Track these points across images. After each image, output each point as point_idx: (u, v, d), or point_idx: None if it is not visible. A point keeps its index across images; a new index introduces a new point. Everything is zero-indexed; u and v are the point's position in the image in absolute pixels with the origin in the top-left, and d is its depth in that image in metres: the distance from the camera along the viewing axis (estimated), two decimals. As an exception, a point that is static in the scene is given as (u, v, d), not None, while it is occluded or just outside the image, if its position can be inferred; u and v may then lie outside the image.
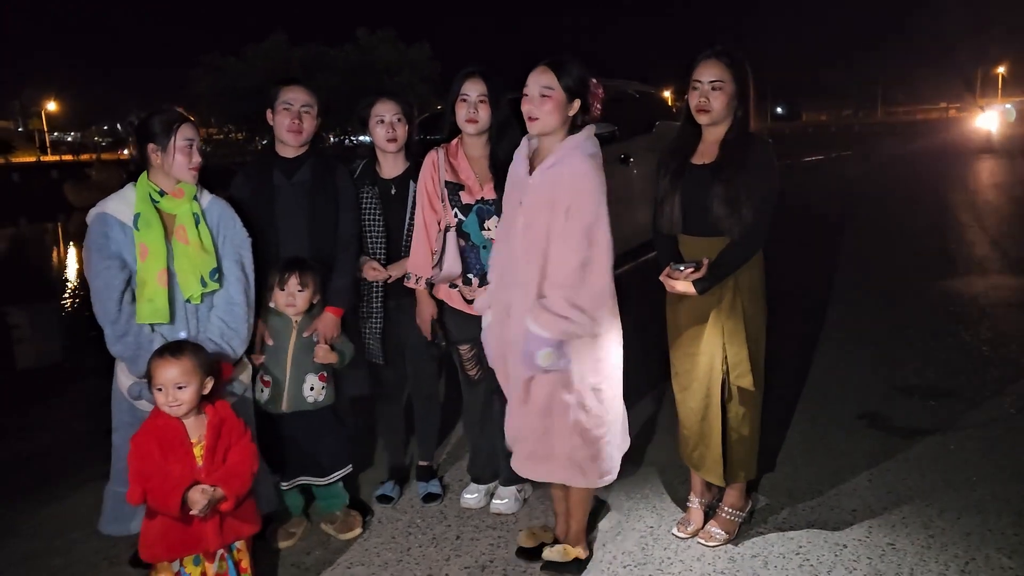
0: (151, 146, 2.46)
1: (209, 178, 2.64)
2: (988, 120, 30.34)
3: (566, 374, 2.38)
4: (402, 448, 3.27)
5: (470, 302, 2.83)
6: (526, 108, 2.35)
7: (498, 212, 2.70)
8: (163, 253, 2.41)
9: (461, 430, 3.41)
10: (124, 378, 2.47)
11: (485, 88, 2.74)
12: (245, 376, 2.65)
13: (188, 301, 2.46)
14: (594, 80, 2.41)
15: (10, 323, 7.75)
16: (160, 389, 2.17)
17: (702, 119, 2.56)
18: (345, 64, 27.58)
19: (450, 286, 2.89)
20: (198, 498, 2.12)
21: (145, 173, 2.49)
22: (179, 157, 2.44)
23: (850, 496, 2.99)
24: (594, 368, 2.42)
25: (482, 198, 2.79)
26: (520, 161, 2.47)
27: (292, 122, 2.75)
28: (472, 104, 2.74)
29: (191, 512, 2.13)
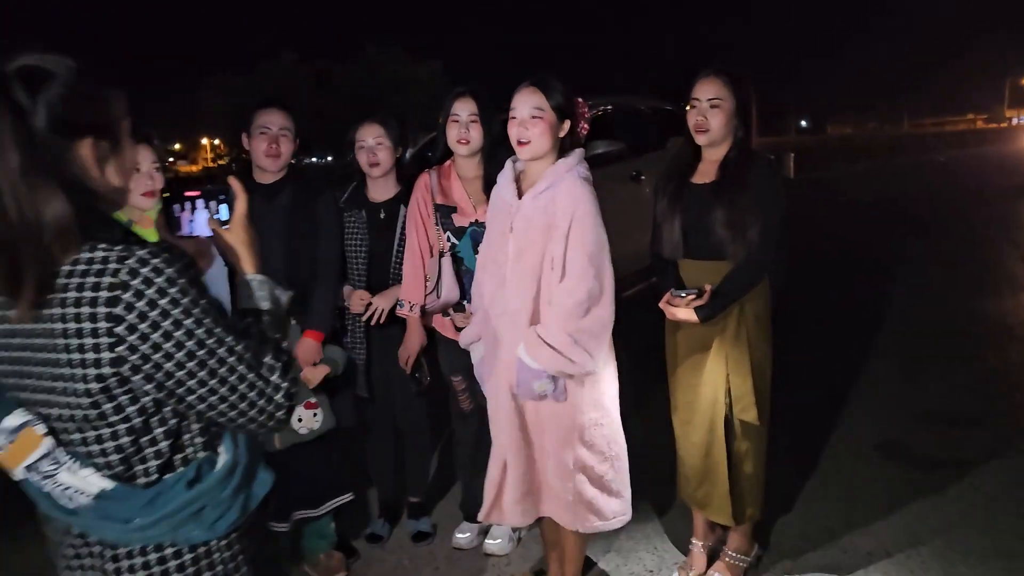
0: None
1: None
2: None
3: (564, 407, 2.24)
4: (392, 483, 3.14)
5: (461, 330, 2.71)
6: (515, 132, 2.21)
7: None
8: None
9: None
10: None
11: (476, 107, 2.65)
12: None
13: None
14: (579, 99, 2.30)
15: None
16: None
17: (700, 139, 2.44)
18: (352, 82, 27.73)
19: (443, 314, 2.78)
20: None
21: None
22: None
23: (865, 536, 2.82)
24: (594, 402, 2.28)
25: (476, 220, 2.69)
26: (506, 185, 2.33)
27: (269, 147, 2.64)
28: (463, 124, 2.65)
29: None
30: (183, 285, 1.05)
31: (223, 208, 1.24)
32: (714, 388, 2.47)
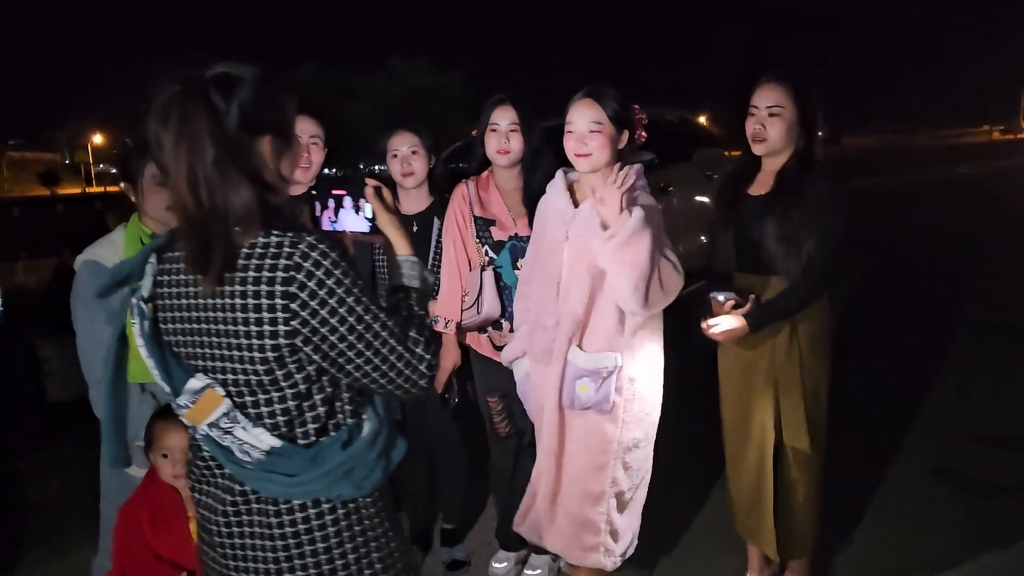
0: (125, 184, 2.24)
1: None
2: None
3: (607, 423, 2.14)
4: (425, 509, 2.99)
5: (500, 348, 2.58)
6: (573, 145, 2.14)
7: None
8: None
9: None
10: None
11: (516, 116, 2.52)
12: None
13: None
14: (636, 106, 2.22)
15: (42, 356, 7.71)
16: (166, 456, 1.95)
17: (758, 148, 2.31)
18: (375, 92, 27.77)
19: (479, 331, 2.64)
20: None
21: (136, 214, 2.27)
22: (150, 196, 2.19)
23: (927, 571, 2.65)
24: (638, 420, 2.18)
25: (515, 234, 2.56)
26: (558, 194, 2.25)
27: (301, 156, 2.52)
28: (503, 134, 2.52)
29: None
30: (345, 267, 1.19)
31: (367, 205, 1.40)
32: (763, 412, 2.33)
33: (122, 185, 2.31)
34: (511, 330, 2.56)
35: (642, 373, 2.17)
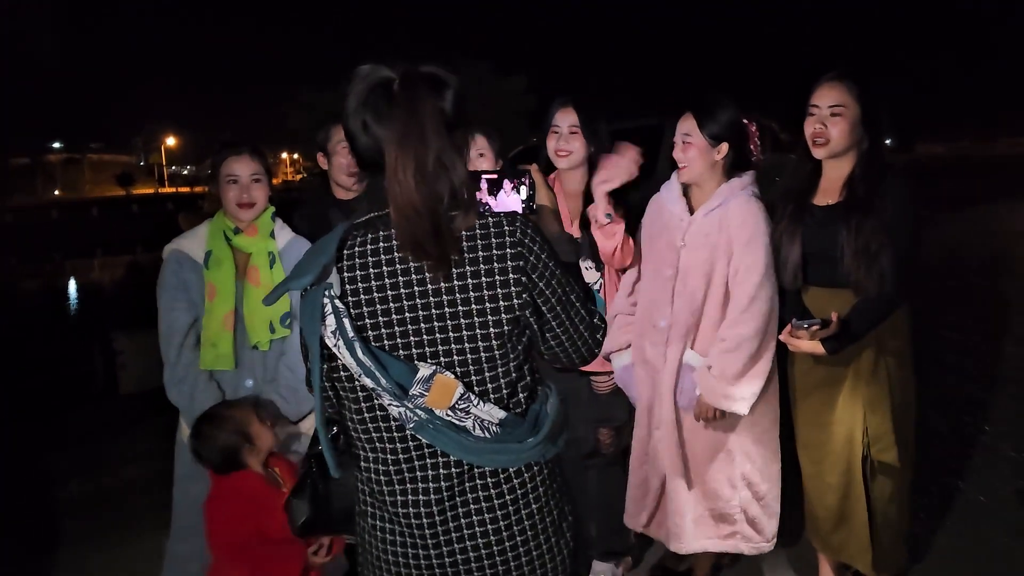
0: (214, 182, 2.34)
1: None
2: None
3: (731, 420, 2.26)
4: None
5: None
6: (675, 155, 2.34)
7: (587, 252, 2.46)
8: (231, 294, 2.25)
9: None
10: (186, 429, 2.30)
11: (577, 119, 2.48)
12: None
13: (255, 347, 2.28)
14: (746, 120, 2.29)
15: (117, 348, 8.03)
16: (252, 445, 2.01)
17: (819, 152, 2.21)
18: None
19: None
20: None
21: (222, 209, 2.35)
22: (226, 193, 2.28)
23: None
24: (759, 416, 2.30)
25: (569, 236, 2.51)
26: (674, 200, 2.38)
27: (351, 163, 2.51)
28: (563, 136, 2.49)
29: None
30: (546, 241, 1.29)
31: (523, 189, 1.47)
32: (849, 427, 2.24)
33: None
34: None
35: None
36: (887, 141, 2.36)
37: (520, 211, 1.45)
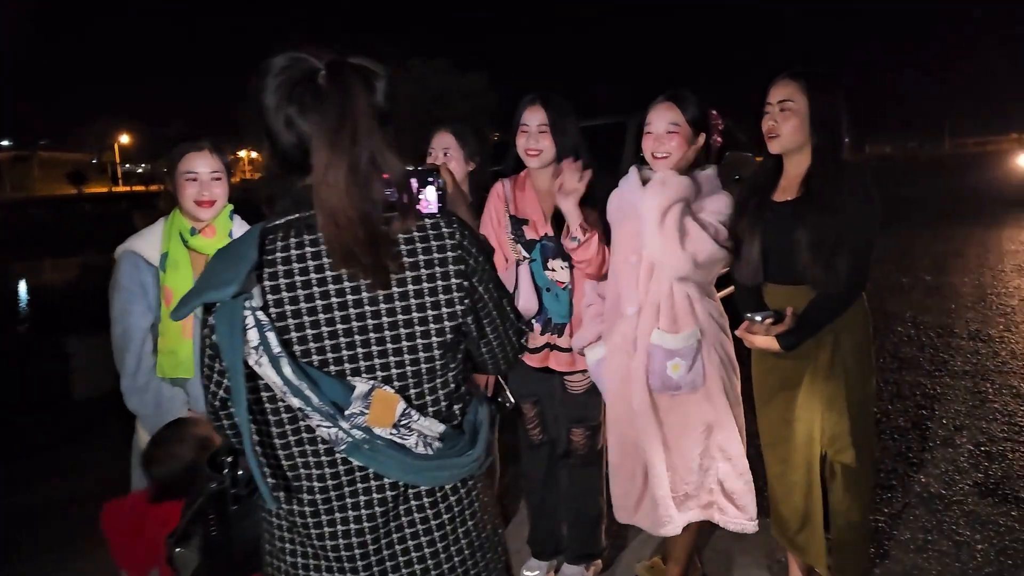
0: (169, 179, 2.23)
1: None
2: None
3: (703, 394, 2.26)
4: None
5: (532, 351, 2.53)
6: (651, 145, 2.26)
7: (556, 252, 2.44)
8: None
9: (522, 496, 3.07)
10: (145, 436, 2.20)
11: (546, 117, 2.45)
12: None
13: (216, 353, 2.19)
14: (713, 111, 2.27)
15: (68, 351, 7.78)
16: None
17: (772, 147, 2.24)
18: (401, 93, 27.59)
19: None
20: None
21: (177, 208, 2.25)
22: (183, 191, 2.17)
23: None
24: (728, 390, 2.31)
25: (546, 234, 2.50)
26: (633, 191, 2.29)
27: None
28: (532, 134, 2.46)
29: None
30: (481, 243, 1.23)
31: (431, 189, 1.32)
32: (808, 425, 2.25)
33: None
34: (542, 333, 2.51)
35: (717, 348, 2.27)
36: (845, 140, 2.36)
37: (435, 211, 1.34)
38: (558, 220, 2.43)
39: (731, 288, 2.42)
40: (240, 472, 1.25)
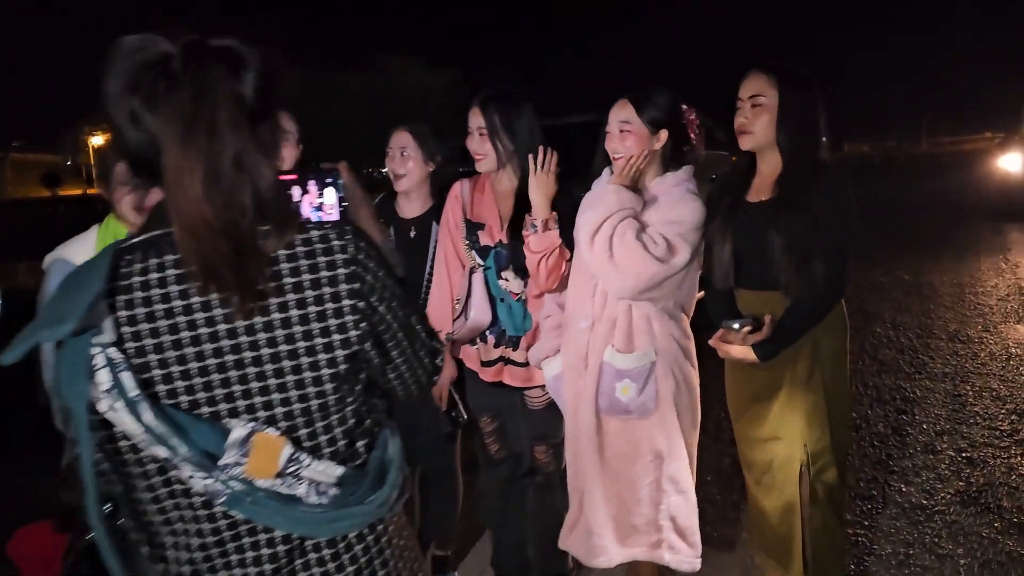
0: (102, 182, 2.07)
1: None
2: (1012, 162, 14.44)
3: (654, 423, 2.08)
4: (417, 536, 2.79)
5: (485, 364, 2.39)
6: (609, 146, 2.16)
7: (509, 262, 2.30)
8: None
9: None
10: None
11: (483, 121, 2.30)
12: None
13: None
14: (685, 107, 2.11)
15: (35, 359, 7.53)
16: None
17: (744, 143, 2.11)
18: (361, 92, 27.24)
19: (471, 343, 2.45)
20: None
21: (112, 214, 2.09)
22: (121, 197, 2.02)
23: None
24: (689, 414, 2.15)
25: (500, 241, 2.35)
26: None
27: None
28: (475, 138, 2.33)
29: None
30: (382, 256, 1.06)
31: (330, 191, 1.18)
32: (789, 445, 2.12)
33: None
34: (496, 345, 2.37)
35: (675, 371, 2.10)
36: (822, 138, 2.24)
37: (335, 219, 1.19)
38: (515, 227, 2.29)
39: (701, 293, 2.29)
40: (120, 521, 1.06)
